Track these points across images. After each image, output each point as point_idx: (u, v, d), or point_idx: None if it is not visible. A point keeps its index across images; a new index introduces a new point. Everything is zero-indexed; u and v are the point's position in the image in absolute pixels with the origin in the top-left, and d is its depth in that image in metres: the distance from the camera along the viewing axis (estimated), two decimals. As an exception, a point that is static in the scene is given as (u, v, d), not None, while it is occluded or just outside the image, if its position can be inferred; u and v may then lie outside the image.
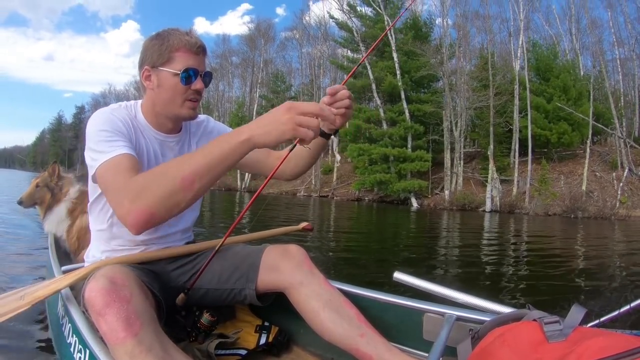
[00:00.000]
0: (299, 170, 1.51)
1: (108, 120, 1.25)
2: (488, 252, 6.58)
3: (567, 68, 25.00)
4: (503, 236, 9.70)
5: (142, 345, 1.02)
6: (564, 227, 12.91)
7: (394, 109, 26.26)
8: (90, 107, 70.92)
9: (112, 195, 1.07)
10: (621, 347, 0.81)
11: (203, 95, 1.39)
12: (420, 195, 24.25)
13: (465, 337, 1.20)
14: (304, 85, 40.38)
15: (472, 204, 21.35)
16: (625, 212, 18.13)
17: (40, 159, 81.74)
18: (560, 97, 22.55)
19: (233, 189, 32.76)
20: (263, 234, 1.85)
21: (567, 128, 22.19)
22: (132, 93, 57.79)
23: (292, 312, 1.41)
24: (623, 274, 4.41)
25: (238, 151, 1.00)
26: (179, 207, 1.00)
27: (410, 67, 25.88)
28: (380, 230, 10.51)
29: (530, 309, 1.09)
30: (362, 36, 28.15)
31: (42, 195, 2.83)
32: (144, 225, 0.98)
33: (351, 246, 6.52)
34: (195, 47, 1.29)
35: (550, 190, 20.84)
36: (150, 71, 1.31)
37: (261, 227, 8.30)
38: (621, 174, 20.88)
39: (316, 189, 30.34)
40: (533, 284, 3.85)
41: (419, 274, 1.51)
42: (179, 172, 0.98)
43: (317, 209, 17.80)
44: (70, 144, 72.36)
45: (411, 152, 24.72)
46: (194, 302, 1.49)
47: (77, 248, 2.58)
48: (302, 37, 39.84)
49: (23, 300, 1.32)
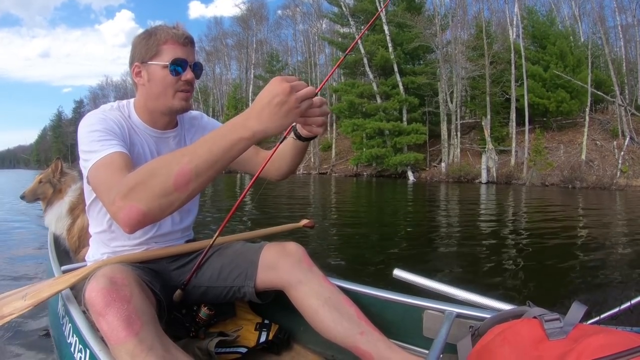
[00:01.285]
0: (283, 171, 1.50)
1: (100, 120, 1.24)
2: (479, 232, 6.44)
3: (564, 35, 24.68)
4: (495, 212, 9.53)
5: (143, 345, 1.02)
6: (561, 199, 12.69)
7: (387, 83, 26.14)
8: (88, 100, 72.90)
9: (104, 193, 1.04)
10: (622, 345, 0.81)
11: (195, 86, 1.39)
12: (417, 168, 24.30)
13: (465, 334, 1.20)
14: (300, 63, 40.05)
15: (468, 175, 21.42)
16: (625, 181, 18.02)
17: (43, 157, 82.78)
18: (557, 65, 22.33)
19: (233, 172, 32.82)
20: (263, 232, 1.85)
21: (565, 96, 22.03)
22: (129, 82, 57.46)
23: (292, 310, 1.40)
24: (624, 265, 4.34)
25: (236, 148, 0.92)
26: (173, 206, 0.93)
27: (402, 39, 25.59)
28: (378, 208, 10.53)
29: (530, 306, 1.09)
30: (352, 10, 27.72)
31: (45, 191, 2.86)
32: (136, 224, 0.93)
33: (349, 233, 6.49)
34: (182, 38, 1.30)
35: (546, 160, 20.82)
36: (140, 67, 1.32)
37: (261, 210, 8.39)
38: (622, 143, 20.74)
39: (315, 166, 30.38)
40: (526, 275, 3.82)
41: (408, 265, 1.51)
42: (173, 170, 0.91)
43: (316, 187, 17.85)
44: (72, 139, 72.57)
45: (406, 125, 24.68)
46: (193, 300, 1.50)
47: (78, 247, 2.59)
48: (295, 14, 39.43)
49: (26, 301, 1.32)
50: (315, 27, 37.57)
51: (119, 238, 1.41)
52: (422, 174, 23.96)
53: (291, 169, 1.50)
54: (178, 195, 0.92)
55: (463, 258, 4.57)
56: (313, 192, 14.94)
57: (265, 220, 6.88)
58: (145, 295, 1.15)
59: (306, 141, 1.35)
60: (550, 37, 23.56)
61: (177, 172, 0.90)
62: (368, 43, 26.12)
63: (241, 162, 1.55)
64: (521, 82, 22.69)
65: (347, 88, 27.10)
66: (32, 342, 2.12)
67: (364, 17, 27.34)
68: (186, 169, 0.90)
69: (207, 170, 0.92)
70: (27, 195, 2.89)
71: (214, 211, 8.55)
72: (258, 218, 7.45)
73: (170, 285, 1.42)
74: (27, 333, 2.21)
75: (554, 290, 3.42)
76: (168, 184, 0.90)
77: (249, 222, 6.81)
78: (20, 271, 3.53)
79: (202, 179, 0.92)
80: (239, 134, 0.90)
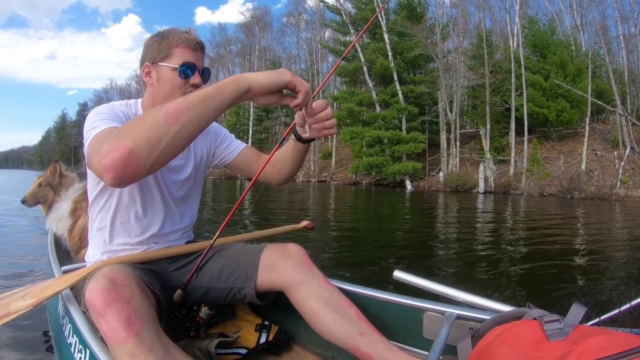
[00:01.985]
0: (284, 175, 1.54)
1: (107, 108, 1.28)
2: (473, 239, 6.41)
3: (564, 44, 24.61)
4: (488, 221, 9.43)
5: (143, 345, 1.02)
6: (556, 209, 12.49)
7: (386, 91, 26.10)
8: (93, 103, 72.54)
9: (92, 146, 1.01)
10: (621, 346, 0.81)
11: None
12: (416, 177, 24.19)
13: (465, 336, 1.20)
14: (302, 71, 40.28)
15: (466, 185, 21.22)
16: (625, 192, 17.84)
17: (46, 158, 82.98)
18: (557, 74, 22.20)
19: (233, 177, 33.31)
20: (264, 233, 1.86)
21: (565, 105, 21.87)
22: (134, 87, 58.12)
23: (292, 311, 1.40)
24: (623, 271, 4.33)
25: (230, 87, 0.94)
26: (161, 144, 0.87)
27: (403, 47, 25.61)
28: (369, 215, 10.51)
29: (530, 307, 1.09)
30: (353, 19, 27.83)
31: (45, 194, 2.87)
32: (121, 165, 0.85)
33: (343, 236, 6.50)
34: (193, 43, 1.35)
35: (544, 170, 20.64)
36: (151, 67, 1.36)
37: (260, 213, 8.38)
38: (622, 153, 20.55)
39: (315, 174, 30.39)
40: (517, 280, 3.80)
41: (406, 267, 1.51)
42: (165, 106, 0.91)
43: (313, 194, 17.72)
44: (75, 141, 73.68)
45: (405, 134, 24.58)
46: (194, 301, 1.51)
47: (79, 247, 2.60)
48: (299, 22, 39.71)
49: (26, 301, 1.32)
50: (318, 35, 37.81)
51: (120, 235, 1.41)
52: (420, 183, 23.85)
53: (292, 172, 1.53)
54: (167, 128, 0.88)
55: (452, 263, 4.57)
56: (308, 199, 14.86)
57: (265, 224, 6.88)
58: (145, 296, 1.15)
59: (306, 143, 1.39)
60: (551, 46, 23.54)
61: (169, 107, 0.90)
62: (368, 51, 26.18)
63: (243, 166, 1.60)
64: (521, 91, 22.62)
65: (346, 96, 27.14)
66: (32, 342, 2.11)
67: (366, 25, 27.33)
68: (178, 103, 0.91)
69: (198, 104, 0.91)
70: (28, 200, 2.90)
71: (213, 213, 8.58)
72: (256, 221, 7.48)
73: (170, 286, 1.43)
74: (27, 333, 2.20)
75: (552, 292, 3.42)
76: (158, 116, 0.89)
77: (249, 226, 6.81)
78: (20, 271, 3.52)
79: (193, 113, 0.90)
80: (230, 78, 0.96)
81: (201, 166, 1.57)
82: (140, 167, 0.87)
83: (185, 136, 0.91)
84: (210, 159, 1.60)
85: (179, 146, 0.91)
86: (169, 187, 1.46)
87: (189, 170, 1.51)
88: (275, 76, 0.98)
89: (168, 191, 1.46)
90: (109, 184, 0.88)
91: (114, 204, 1.38)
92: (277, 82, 0.98)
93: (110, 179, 0.86)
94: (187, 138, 0.92)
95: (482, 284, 3.54)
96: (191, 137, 0.93)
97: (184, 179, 1.50)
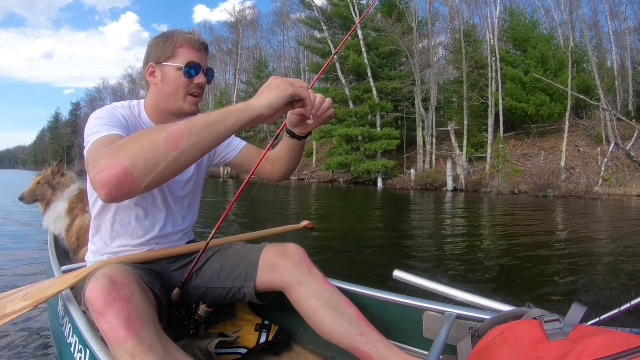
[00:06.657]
0: (282, 172, 1.56)
1: (108, 112, 1.27)
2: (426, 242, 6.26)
3: (547, 38, 24.12)
4: (432, 219, 9.25)
5: (143, 345, 1.02)
6: (514, 209, 11.72)
7: (360, 87, 25.59)
8: (85, 103, 72.96)
9: (90, 160, 0.98)
10: (621, 346, 0.81)
11: (205, 91, 1.44)
12: (391, 175, 23.68)
13: (465, 336, 1.21)
14: (289, 69, 40.14)
15: (435, 183, 20.75)
16: (604, 190, 17.23)
17: (40, 158, 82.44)
18: (537, 68, 21.70)
19: (216, 175, 33.82)
20: (264, 233, 1.86)
21: (544, 99, 21.27)
22: (126, 87, 57.63)
23: (292, 311, 1.41)
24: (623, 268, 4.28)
25: (236, 116, 0.94)
26: (159, 167, 0.86)
27: (379, 43, 25.16)
28: (330, 212, 10.46)
29: (530, 307, 1.09)
30: (328, 15, 27.43)
31: (43, 192, 2.87)
32: (115, 184, 0.83)
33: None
34: (197, 44, 1.37)
35: (514, 167, 20.12)
36: (155, 67, 1.37)
37: (251, 215, 8.33)
38: (606, 149, 19.84)
39: (296, 172, 30.29)
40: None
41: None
42: (167, 128, 0.89)
43: (286, 194, 17.07)
44: (68, 141, 73.15)
45: (378, 131, 24.07)
46: (194, 300, 1.51)
47: (77, 247, 2.59)
48: (285, 20, 39.53)
49: (26, 301, 1.32)
50: (302, 34, 37.55)
51: (122, 237, 1.41)
52: (393, 180, 23.19)
53: (289, 169, 1.55)
54: (166, 152, 0.86)
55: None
56: (278, 199, 14.31)
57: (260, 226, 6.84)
58: (145, 296, 1.15)
59: (301, 139, 1.41)
60: (532, 40, 23.03)
61: (170, 129, 0.89)
62: (342, 48, 25.74)
63: (244, 164, 1.60)
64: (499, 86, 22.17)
65: (320, 93, 26.71)
66: (32, 342, 2.12)
67: (341, 22, 27.01)
68: (181, 126, 0.90)
69: (201, 131, 0.90)
70: (26, 197, 2.89)
71: (213, 213, 8.56)
72: (248, 223, 7.45)
73: (170, 286, 1.43)
74: (27, 333, 2.22)
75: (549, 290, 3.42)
76: (158, 139, 0.87)
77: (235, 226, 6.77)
78: (20, 271, 3.54)
79: (195, 140, 0.89)
80: (235, 105, 0.96)
81: (203, 165, 1.58)
82: (135, 186, 0.86)
83: (185, 161, 0.90)
84: (211, 157, 1.61)
85: (177, 170, 0.90)
86: (172, 188, 1.45)
87: (192, 170, 1.51)
88: (279, 94, 0.99)
89: (170, 192, 1.45)
90: (102, 200, 0.87)
91: (115, 205, 1.37)
92: (283, 99, 0.99)
93: (104, 196, 0.86)
94: (187, 162, 0.91)
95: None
96: (191, 162, 0.92)
97: (187, 178, 1.50)
